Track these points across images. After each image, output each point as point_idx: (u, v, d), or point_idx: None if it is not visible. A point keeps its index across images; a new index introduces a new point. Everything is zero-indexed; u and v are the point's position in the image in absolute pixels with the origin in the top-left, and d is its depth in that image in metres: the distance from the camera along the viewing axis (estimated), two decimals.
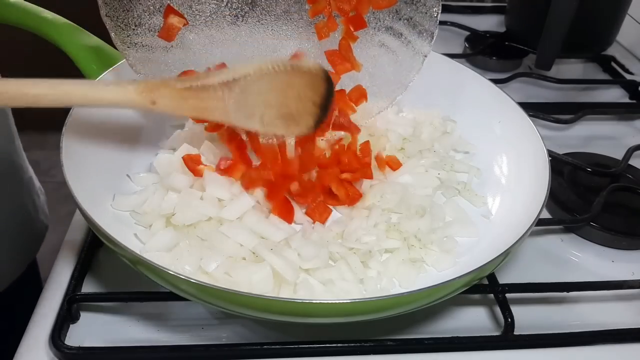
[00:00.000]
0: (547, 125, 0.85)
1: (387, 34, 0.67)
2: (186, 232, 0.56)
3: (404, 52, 0.67)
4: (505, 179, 0.67)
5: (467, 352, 0.54)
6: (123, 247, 0.47)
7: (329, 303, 0.47)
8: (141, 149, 0.66)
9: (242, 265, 0.53)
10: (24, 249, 0.86)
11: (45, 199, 0.91)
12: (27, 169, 0.86)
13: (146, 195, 0.59)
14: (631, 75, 1.03)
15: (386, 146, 0.69)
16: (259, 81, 0.53)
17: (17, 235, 0.83)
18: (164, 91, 0.52)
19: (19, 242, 0.83)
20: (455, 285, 0.50)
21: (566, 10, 0.82)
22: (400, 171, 0.66)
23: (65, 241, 0.63)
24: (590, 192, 0.71)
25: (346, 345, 0.52)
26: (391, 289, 0.55)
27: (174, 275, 0.46)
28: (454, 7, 1.19)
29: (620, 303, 0.61)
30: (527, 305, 0.60)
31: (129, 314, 0.56)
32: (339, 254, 0.56)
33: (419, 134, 0.72)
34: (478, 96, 0.74)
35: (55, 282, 0.58)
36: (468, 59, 1.02)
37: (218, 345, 0.52)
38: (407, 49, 0.67)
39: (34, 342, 0.53)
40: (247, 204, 0.57)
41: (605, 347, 0.56)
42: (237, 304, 0.47)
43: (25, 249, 0.86)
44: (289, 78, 0.54)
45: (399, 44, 0.67)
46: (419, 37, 0.66)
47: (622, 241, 0.67)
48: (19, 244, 0.83)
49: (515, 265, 0.64)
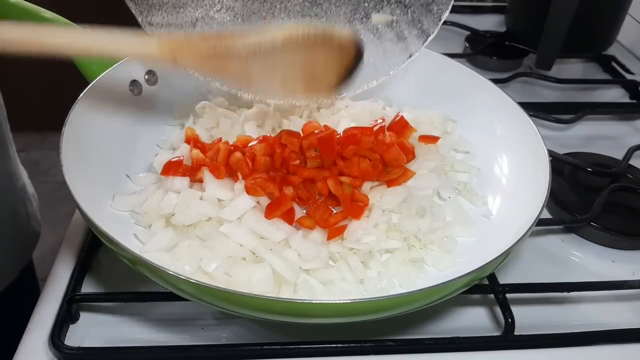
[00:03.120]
0: (548, 125, 0.85)
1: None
2: (186, 232, 0.56)
3: (395, 45, 0.66)
4: (505, 179, 0.67)
5: (467, 353, 0.54)
6: (123, 247, 0.47)
7: (329, 303, 0.46)
8: (141, 149, 0.66)
9: (242, 266, 0.53)
10: (16, 255, 0.85)
11: (38, 205, 0.90)
12: (20, 176, 0.86)
13: (146, 195, 0.59)
14: (631, 75, 1.03)
15: None
16: (286, 46, 0.50)
17: (9, 242, 0.82)
18: (187, 49, 0.50)
19: (11, 248, 0.83)
20: (456, 285, 0.50)
21: (566, 10, 0.82)
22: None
23: (65, 241, 0.63)
24: (590, 192, 0.71)
25: (346, 345, 0.52)
26: (391, 289, 0.55)
27: (173, 275, 0.46)
28: (454, 7, 1.17)
29: (620, 303, 0.61)
30: (527, 306, 0.60)
31: (128, 314, 0.56)
32: (339, 254, 0.56)
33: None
34: (478, 96, 0.74)
35: (55, 282, 0.58)
36: (468, 58, 1.02)
37: (218, 345, 0.52)
38: (398, 43, 0.66)
39: (33, 342, 0.53)
40: (247, 204, 0.57)
41: (606, 347, 0.56)
42: (237, 304, 0.47)
43: (18, 255, 0.85)
44: (319, 43, 0.51)
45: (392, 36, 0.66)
46: (416, 35, 0.65)
47: (623, 241, 0.67)
48: (11, 250, 0.83)
49: (515, 265, 0.64)
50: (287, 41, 0.50)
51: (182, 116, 0.72)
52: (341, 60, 0.53)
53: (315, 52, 0.51)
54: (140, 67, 0.70)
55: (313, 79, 0.53)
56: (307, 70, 0.53)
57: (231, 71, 0.52)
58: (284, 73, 0.52)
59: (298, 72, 0.53)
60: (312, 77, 0.53)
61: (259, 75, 0.52)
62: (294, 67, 0.52)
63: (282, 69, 0.52)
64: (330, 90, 0.55)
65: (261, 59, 0.51)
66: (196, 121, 0.71)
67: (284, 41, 0.50)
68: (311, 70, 0.53)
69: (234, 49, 0.50)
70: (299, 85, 0.53)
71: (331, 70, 0.53)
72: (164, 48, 0.50)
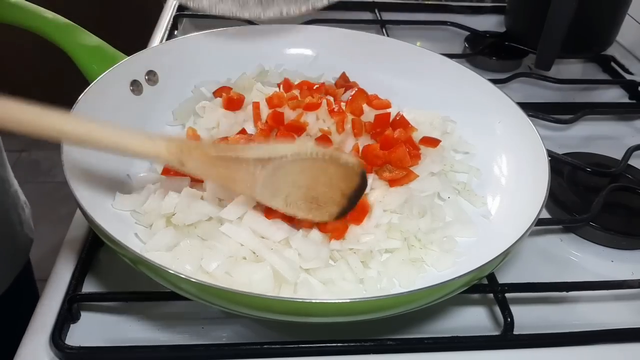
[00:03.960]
0: (547, 125, 0.85)
1: None
2: (187, 232, 0.57)
3: None
4: (505, 179, 0.67)
5: (466, 352, 0.54)
6: (124, 246, 0.47)
7: (329, 303, 0.47)
8: None
9: (242, 265, 0.53)
10: (9, 263, 0.84)
11: (30, 212, 0.90)
12: (13, 183, 0.85)
13: (147, 194, 0.59)
14: (631, 76, 1.03)
15: None
16: (293, 163, 0.52)
17: (2, 249, 0.82)
18: (195, 155, 0.50)
19: (3, 255, 0.82)
20: (455, 285, 0.50)
21: (566, 10, 0.82)
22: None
23: (66, 241, 0.63)
24: (589, 192, 0.71)
25: (346, 345, 0.52)
26: (391, 288, 0.55)
27: (174, 274, 0.46)
28: (454, 7, 1.19)
29: (619, 303, 0.62)
30: (526, 305, 0.60)
31: (129, 314, 0.56)
32: (339, 254, 0.56)
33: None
34: (478, 96, 0.74)
35: (56, 281, 0.58)
36: (468, 59, 1.02)
37: (218, 344, 0.52)
38: None
39: (34, 341, 0.53)
40: (247, 204, 0.57)
41: (605, 347, 0.56)
42: (237, 304, 0.47)
43: (10, 262, 0.85)
44: (325, 165, 0.53)
45: None
46: None
47: (622, 241, 0.67)
48: (3, 257, 0.82)
49: (514, 265, 0.64)
50: (296, 156, 0.52)
51: (182, 116, 0.73)
52: (346, 185, 0.55)
53: (320, 170, 0.53)
54: (141, 67, 0.71)
55: (315, 199, 0.55)
56: (311, 187, 0.54)
57: (237, 181, 0.52)
58: (288, 188, 0.54)
59: (301, 187, 0.54)
60: (314, 197, 0.55)
61: (264, 188, 0.53)
62: (299, 182, 0.53)
63: (287, 183, 0.53)
64: (331, 215, 0.56)
65: (268, 172, 0.52)
66: (196, 121, 0.71)
67: (293, 155, 0.52)
68: (315, 189, 0.54)
69: (243, 160, 0.51)
70: (301, 203, 0.55)
71: (333, 195, 0.55)
72: (172, 150, 0.50)
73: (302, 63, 0.82)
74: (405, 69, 0.80)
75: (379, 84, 0.80)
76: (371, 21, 1.11)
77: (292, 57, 0.82)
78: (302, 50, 0.83)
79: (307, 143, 0.58)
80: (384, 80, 0.80)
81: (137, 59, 0.71)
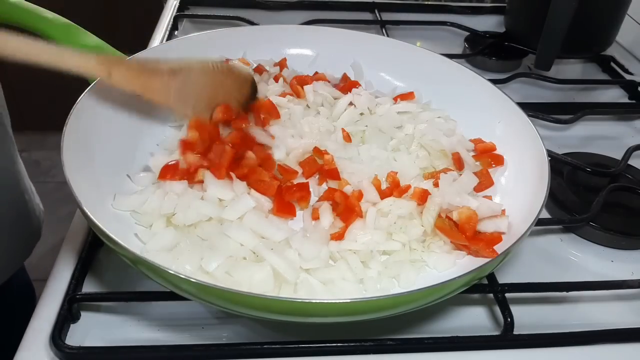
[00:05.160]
0: (547, 126, 0.85)
1: None
2: (187, 232, 0.57)
3: None
4: (504, 179, 0.67)
5: (466, 352, 0.54)
6: (124, 247, 0.47)
7: (329, 303, 0.47)
8: (142, 148, 0.66)
9: (242, 265, 0.53)
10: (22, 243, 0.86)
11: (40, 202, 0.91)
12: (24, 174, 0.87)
13: (147, 195, 0.59)
14: (630, 76, 1.03)
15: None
16: (198, 75, 0.65)
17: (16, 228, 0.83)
18: (121, 67, 0.60)
19: (16, 235, 0.84)
20: (455, 285, 0.50)
21: (566, 11, 0.82)
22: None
23: (66, 241, 0.63)
24: (589, 192, 0.71)
25: (346, 345, 0.52)
26: (391, 289, 0.55)
27: (174, 274, 0.46)
28: (453, 7, 1.19)
29: (619, 303, 0.62)
30: (526, 305, 0.60)
31: (129, 314, 0.56)
32: (339, 254, 0.56)
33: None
34: (478, 96, 0.74)
35: (56, 281, 0.58)
36: (468, 59, 1.03)
37: (218, 344, 0.52)
38: None
39: (34, 341, 0.53)
40: (247, 204, 0.57)
41: (605, 347, 0.56)
42: (237, 304, 0.47)
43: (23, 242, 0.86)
44: (223, 78, 0.67)
45: None
46: None
47: (622, 241, 0.67)
48: (16, 237, 0.84)
49: (514, 265, 0.64)
50: (200, 68, 0.65)
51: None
52: (239, 93, 0.68)
53: (220, 82, 0.66)
54: None
55: (216, 105, 0.66)
56: (212, 97, 0.66)
57: (155, 90, 0.62)
58: (194, 97, 0.65)
59: (204, 98, 0.66)
60: (215, 104, 0.66)
61: (176, 96, 0.64)
62: (202, 92, 0.65)
63: (194, 93, 0.65)
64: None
65: (178, 82, 0.63)
66: None
67: (197, 68, 0.65)
68: (215, 97, 0.67)
69: (158, 70, 0.62)
70: (205, 110, 0.66)
71: (231, 97, 0.67)
72: (101, 62, 0.58)
73: (302, 63, 0.82)
74: (405, 69, 0.80)
75: (379, 84, 0.80)
76: (371, 21, 1.11)
77: (292, 57, 0.82)
78: (302, 50, 0.83)
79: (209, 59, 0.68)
80: (384, 81, 0.80)
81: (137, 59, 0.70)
